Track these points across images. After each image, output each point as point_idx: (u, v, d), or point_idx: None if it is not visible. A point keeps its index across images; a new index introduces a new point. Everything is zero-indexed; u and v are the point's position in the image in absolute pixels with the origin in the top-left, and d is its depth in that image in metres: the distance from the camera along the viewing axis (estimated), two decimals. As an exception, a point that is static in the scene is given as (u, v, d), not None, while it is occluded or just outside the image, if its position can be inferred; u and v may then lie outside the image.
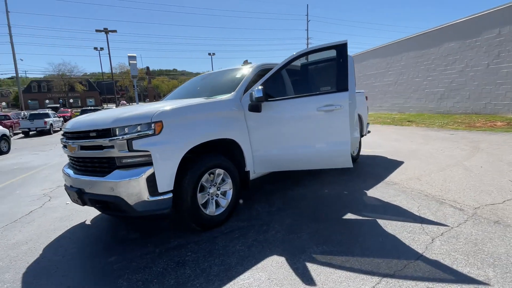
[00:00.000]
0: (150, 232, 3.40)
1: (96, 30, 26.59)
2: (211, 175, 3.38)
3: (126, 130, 2.86)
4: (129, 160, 2.90)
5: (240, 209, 3.90)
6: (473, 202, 3.65)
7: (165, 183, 2.89)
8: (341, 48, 3.68)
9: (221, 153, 3.61)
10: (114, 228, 3.62)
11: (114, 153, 2.89)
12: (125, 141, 2.83)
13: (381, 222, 3.26)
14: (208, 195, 3.35)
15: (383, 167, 5.78)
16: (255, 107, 3.67)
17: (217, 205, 3.44)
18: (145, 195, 2.83)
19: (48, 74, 58.23)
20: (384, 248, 2.69)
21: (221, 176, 3.46)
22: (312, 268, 2.46)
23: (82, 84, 58.38)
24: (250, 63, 4.75)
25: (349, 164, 3.78)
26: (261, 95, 3.52)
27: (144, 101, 62.12)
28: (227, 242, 3.02)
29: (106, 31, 27.20)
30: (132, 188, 2.81)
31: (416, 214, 3.41)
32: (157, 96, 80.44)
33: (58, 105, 46.26)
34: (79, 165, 3.30)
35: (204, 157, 3.29)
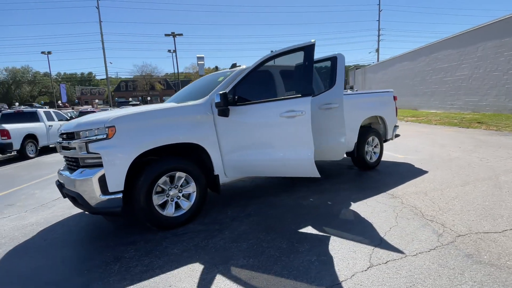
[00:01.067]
0: (128, 227, 3.69)
1: (166, 35, 29.41)
2: (171, 178, 3.51)
3: (87, 133, 3.18)
4: (88, 161, 3.23)
5: (211, 212, 3.97)
6: (463, 228, 3.04)
7: (115, 183, 3.14)
8: (308, 50, 3.43)
9: (189, 156, 3.72)
10: (101, 222, 4.05)
11: (77, 154, 3.25)
12: (84, 143, 3.16)
13: (333, 239, 2.97)
14: (168, 196, 3.50)
15: (399, 176, 5.16)
16: (222, 112, 3.67)
17: (178, 206, 3.57)
18: (98, 193, 3.12)
19: (133, 75, 66.38)
20: (306, 271, 2.46)
21: (183, 179, 3.57)
22: (217, 281, 2.41)
23: (160, 83, 65.00)
24: (239, 65, 4.72)
25: (315, 174, 3.53)
26: (219, 100, 3.51)
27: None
28: (171, 243, 3.14)
29: (173, 35, 29.78)
30: (87, 186, 3.13)
31: (382, 235, 3.01)
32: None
33: (137, 102, 52.06)
34: (65, 162, 3.79)
35: (162, 160, 3.45)
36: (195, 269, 2.61)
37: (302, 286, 2.26)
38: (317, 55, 4.03)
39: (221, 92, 3.51)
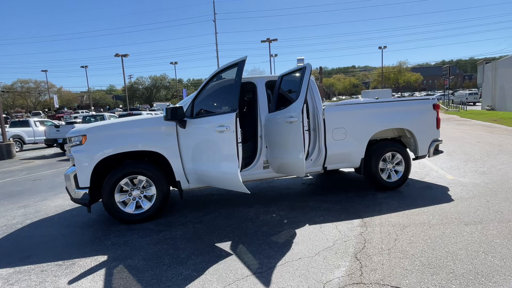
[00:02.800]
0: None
1: (262, 41, 31.01)
2: (134, 180, 4.07)
3: (72, 140, 4.06)
4: (72, 161, 4.11)
5: (178, 213, 4.35)
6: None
7: (83, 180, 3.89)
8: (239, 66, 3.41)
9: (154, 163, 4.21)
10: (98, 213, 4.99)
11: (68, 155, 4.18)
12: (69, 147, 4.05)
13: (227, 260, 2.91)
14: (130, 196, 4.08)
15: (411, 201, 4.35)
16: (179, 124, 4.01)
17: (139, 206, 4.11)
18: (74, 187, 3.95)
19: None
20: (169, 284, 2.56)
21: (143, 182, 4.09)
22: (93, 273, 2.78)
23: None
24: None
25: (243, 190, 3.47)
26: (165, 114, 3.83)
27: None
28: (113, 236, 3.68)
29: (269, 40, 31.08)
30: (68, 181, 4.00)
31: (274, 266, 2.76)
32: (331, 94, 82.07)
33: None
34: None
35: (125, 164, 4.04)
36: (97, 260, 3.07)
37: (142, 295, 2.42)
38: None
39: (168, 107, 3.85)
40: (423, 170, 6.32)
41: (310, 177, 6.29)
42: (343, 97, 65.67)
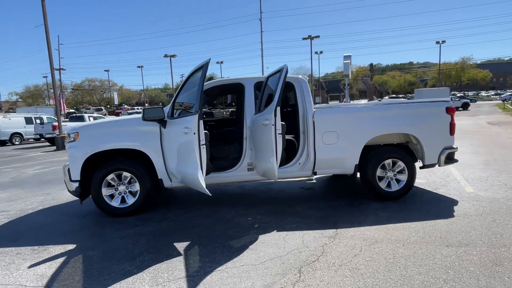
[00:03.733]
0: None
1: (303, 39, 30.35)
2: (119, 176, 4.32)
3: (69, 136, 4.45)
4: (69, 156, 4.51)
5: (162, 209, 4.52)
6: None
7: (74, 174, 4.24)
8: (204, 69, 3.43)
9: (140, 160, 4.42)
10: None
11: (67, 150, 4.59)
12: (68, 143, 4.44)
13: (176, 260, 2.95)
14: (116, 190, 4.34)
15: (400, 215, 3.99)
16: (160, 124, 4.15)
17: (124, 200, 4.35)
18: (68, 179, 4.34)
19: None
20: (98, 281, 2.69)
21: (128, 178, 4.32)
22: (55, 258, 3.02)
23: (313, 84, 67.12)
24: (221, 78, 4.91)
25: (204, 191, 3.47)
26: (142, 115, 3.98)
27: (358, 99, 62.08)
28: (94, 227, 3.96)
29: (310, 37, 30.27)
30: (64, 173, 4.39)
31: (206, 271, 2.72)
32: (384, 93, 77.48)
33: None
34: None
35: (111, 161, 4.31)
36: (65, 248, 3.33)
37: None
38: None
39: (145, 107, 4.00)
40: (443, 179, 5.68)
41: (314, 181, 6.06)
42: (399, 95, 61.47)
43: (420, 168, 4.82)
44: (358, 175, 4.80)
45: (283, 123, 3.84)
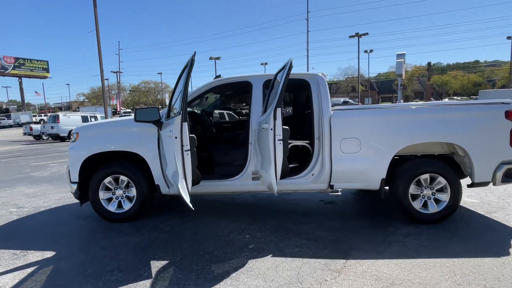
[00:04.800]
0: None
1: (350, 37, 28.55)
2: (117, 179, 4.09)
3: (72, 136, 4.34)
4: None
5: (162, 217, 4.20)
6: None
7: (73, 175, 4.10)
8: (188, 67, 2.98)
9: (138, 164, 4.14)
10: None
11: (70, 150, 4.50)
12: (70, 143, 4.35)
13: (141, 284, 2.54)
14: (113, 194, 4.12)
15: (435, 247, 3.17)
16: (156, 125, 3.83)
17: (121, 205, 4.11)
18: (69, 181, 4.22)
19: (337, 79, 68.96)
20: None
21: (125, 182, 4.07)
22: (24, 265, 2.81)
23: (362, 84, 63.65)
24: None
25: (187, 204, 3.00)
26: (134, 115, 3.67)
27: (413, 100, 57.08)
28: (85, 233, 3.77)
29: (358, 35, 28.34)
30: (67, 174, 4.29)
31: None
32: (444, 94, 70.86)
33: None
34: None
35: (108, 163, 4.09)
36: (43, 255, 3.13)
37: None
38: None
39: (137, 108, 3.68)
40: (502, 200, 4.57)
41: (339, 193, 5.29)
42: (458, 98, 55.50)
43: (468, 186, 3.86)
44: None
45: (286, 127, 3.25)
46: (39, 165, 9.68)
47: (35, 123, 31.20)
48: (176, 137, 2.94)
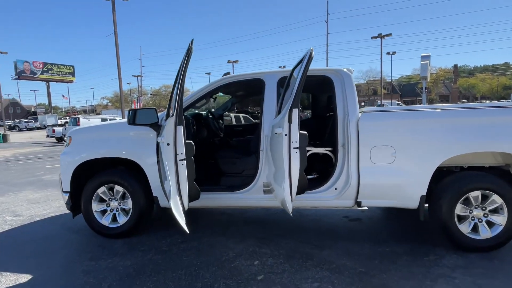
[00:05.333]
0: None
1: (372, 37, 27.38)
2: (112, 189, 3.63)
3: (66, 140, 3.92)
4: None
5: (155, 235, 3.69)
6: None
7: (65, 184, 3.68)
8: (184, 63, 2.45)
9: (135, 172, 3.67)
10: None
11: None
12: (64, 147, 3.94)
13: None
14: (108, 206, 3.65)
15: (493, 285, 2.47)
16: (154, 129, 3.34)
17: (116, 219, 3.64)
18: (61, 190, 3.81)
19: (357, 82, 67.18)
20: None
21: (121, 193, 3.59)
22: None
23: (384, 88, 61.50)
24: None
25: (180, 222, 2.46)
26: (129, 117, 3.19)
27: (437, 104, 54.46)
28: (72, 252, 3.31)
29: (381, 36, 27.14)
30: (59, 182, 3.88)
31: None
32: (471, 98, 67.53)
33: None
34: None
35: (103, 171, 3.64)
36: (16, 280, 2.68)
37: None
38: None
39: (131, 109, 3.20)
40: None
41: (366, 208, 4.62)
42: (487, 101, 52.53)
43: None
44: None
45: (304, 132, 2.67)
46: (54, 168, 9.51)
47: (60, 125, 32.22)
48: (168, 144, 2.42)
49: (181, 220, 2.43)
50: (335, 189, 3.30)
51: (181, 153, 2.43)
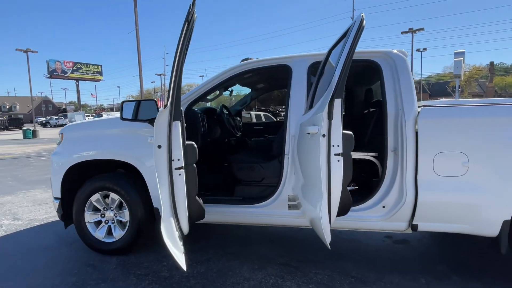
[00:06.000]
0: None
1: (402, 32, 25.60)
2: (107, 197, 3.05)
3: (59, 138, 3.39)
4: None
5: (156, 253, 3.08)
6: None
7: (55, 189, 3.14)
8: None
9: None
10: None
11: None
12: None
13: None
14: (102, 217, 3.08)
15: None
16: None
17: (111, 232, 3.06)
18: (52, 197, 3.28)
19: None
20: None
21: (117, 202, 3.01)
22: None
23: (412, 86, 58.37)
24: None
25: (175, 256, 1.79)
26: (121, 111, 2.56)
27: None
28: (57, 272, 2.75)
29: (412, 31, 25.35)
30: (51, 187, 3.36)
31: None
32: (508, 97, 63.02)
33: None
34: None
35: (98, 176, 3.07)
36: None
37: None
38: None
39: (123, 101, 2.58)
40: None
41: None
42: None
43: None
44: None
45: (349, 132, 1.93)
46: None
47: (87, 122, 33.21)
48: (159, 146, 1.77)
49: (177, 251, 1.78)
50: (383, 207, 2.53)
51: (178, 159, 1.79)
